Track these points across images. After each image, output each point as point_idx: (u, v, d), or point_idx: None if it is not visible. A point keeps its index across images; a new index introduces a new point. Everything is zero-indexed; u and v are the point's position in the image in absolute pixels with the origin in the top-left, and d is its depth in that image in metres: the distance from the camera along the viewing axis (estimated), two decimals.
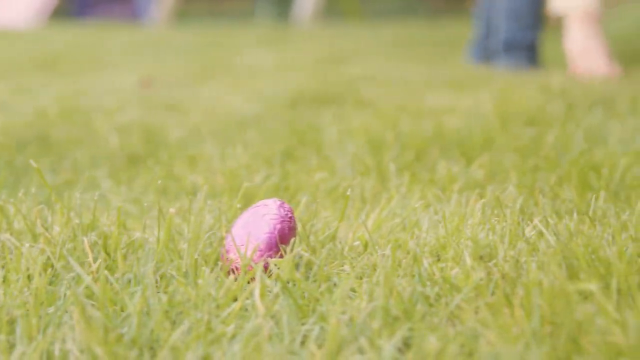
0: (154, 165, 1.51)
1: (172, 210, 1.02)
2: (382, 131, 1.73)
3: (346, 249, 1.03)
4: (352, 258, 1.00)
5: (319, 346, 0.81)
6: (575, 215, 1.05)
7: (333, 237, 1.07)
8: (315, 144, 1.68)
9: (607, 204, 1.23)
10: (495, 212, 1.08)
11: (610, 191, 1.32)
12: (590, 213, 1.07)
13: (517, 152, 1.58)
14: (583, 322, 0.74)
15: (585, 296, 0.85)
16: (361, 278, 0.95)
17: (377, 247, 1.00)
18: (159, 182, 1.25)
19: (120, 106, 2.26)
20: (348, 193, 1.06)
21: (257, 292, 0.87)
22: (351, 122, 1.90)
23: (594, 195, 1.13)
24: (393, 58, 3.96)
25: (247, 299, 0.90)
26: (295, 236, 1.02)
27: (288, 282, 0.90)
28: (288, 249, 0.95)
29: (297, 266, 0.97)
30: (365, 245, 1.04)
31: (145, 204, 1.29)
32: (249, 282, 0.93)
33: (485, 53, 3.34)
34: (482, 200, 1.03)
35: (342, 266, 0.99)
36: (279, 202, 1.04)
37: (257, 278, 0.88)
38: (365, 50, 4.47)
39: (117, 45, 5.02)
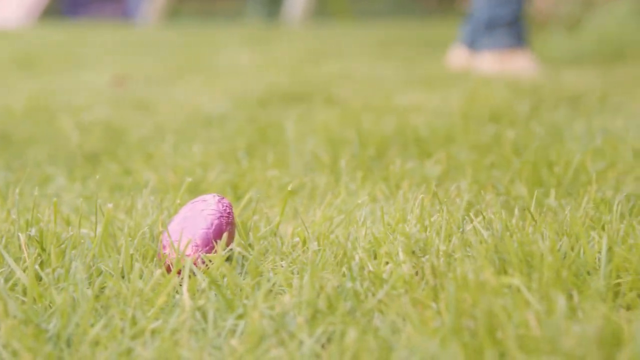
0: (109, 162, 1.50)
1: (109, 205, 1.02)
2: (343, 129, 1.73)
3: (285, 245, 1.03)
4: (289, 254, 0.99)
5: (243, 341, 0.80)
6: (516, 211, 1.04)
7: (274, 233, 1.07)
8: (276, 141, 1.68)
9: (559, 200, 1.23)
10: (437, 207, 1.07)
11: (563, 188, 1.32)
12: (532, 209, 1.07)
13: (477, 149, 1.58)
14: (500, 315, 0.74)
15: (514, 291, 0.84)
16: (298, 273, 0.95)
17: (314, 242, 0.99)
18: (97, 177, 1.24)
19: (89, 105, 2.25)
20: (289, 188, 1.05)
21: (184, 287, 0.87)
22: (316, 120, 1.90)
23: (536, 191, 1.13)
24: (375, 57, 3.95)
25: (178, 293, 0.89)
26: (233, 232, 1.02)
27: (224, 277, 0.90)
28: (221, 244, 0.94)
29: (231, 262, 0.97)
30: (304, 241, 1.03)
31: (100, 201, 1.29)
32: (183, 278, 0.92)
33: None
34: (422, 195, 1.02)
35: (280, 261, 0.99)
36: (217, 198, 1.04)
37: (185, 273, 0.88)
38: (348, 50, 4.47)
39: (100, 44, 5.02)
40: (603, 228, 0.98)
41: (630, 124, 1.82)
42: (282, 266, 0.97)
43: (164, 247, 0.99)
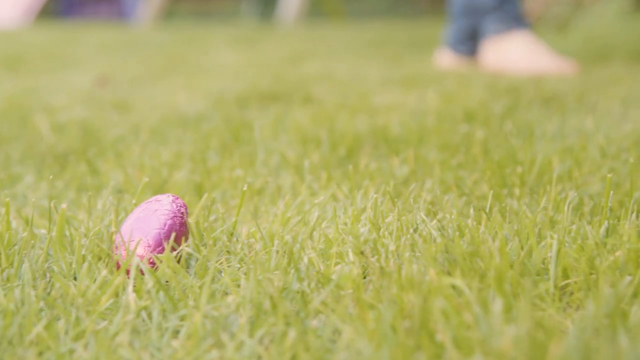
0: (79, 162, 1.50)
1: (63, 206, 1.02)
2: (316, 128, 1.73)
3: (240, 245, 1.02)
4: (238, 254, 0.99)
5: (184, 342, 0.80)
6: (471, 211, 1.04)
7: (230, 234, 1.07)
8: (248, 141, 1.68)
9: (519, 200, 1.23)
10: (391, 207, 1.07)
11: (527, 187, 1.32)
12: (495, 209, 1.07)
13: (447, 148, 1.58)
14: (437, 316, 0.74)
15: (459, 291, 0.84)
16: (245, 274, 0.95)
17: (259, 243, 0.99)
18: (50, 176, 1.24)
19: (68, 105, 2.25)
20: (244, 189, 1.05)
21: (129, 288, 0.87)
22: (290, 120, 1.90)
23: (493, 191, 1.13)
24: (361, 57, 3.95)
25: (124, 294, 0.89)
26: (187, 232, 1.02)
27: (171, 278, 0.90)
28: (170, 244, 0.94)
29: (182, 262, 0.97)
30: (259, 242, 1.03)
31: (54, 202, 1.28)
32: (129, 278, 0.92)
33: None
34: (375, 195, 1.02)
35: (231, 262, 0.99)
36: (172, 198, 1.04)
37: (131, 273, 0.87)
38: (336, 50, 4.47)
39: (90, 45, 5.01)
40: (554, 229, 0.98)
41: (603, 122, 1.82)
42: (235, 267, 0.97)
43: (117, 247, 0.99)
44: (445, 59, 3.31)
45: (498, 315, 0.73)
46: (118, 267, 0.96)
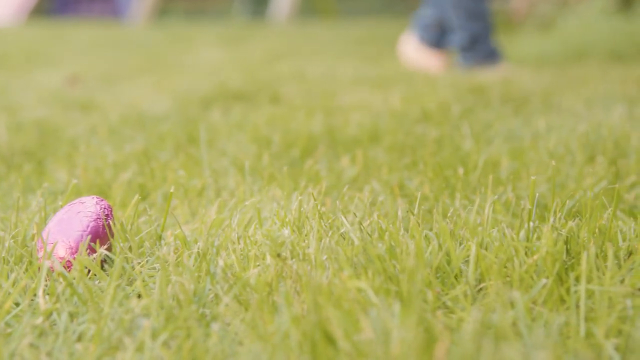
0: (27, 162, 1.50)
1: None
2: (273, 128, 1.73)
3: (164, 247, 1.02)
4: (165, 256, 0.99)
5: (88, 344, 0.80)
6: (399, 212, 1.04)
7: (159, 237, 1.07)
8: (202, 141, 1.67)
9: (457, 201, 1.23)
10: (321, 209, 1.07)
11: (470, 189, 1.32)
12: (416, 211, 1.07)
13: (399, 149, 1.58)
14: (335, 320, 0.74)
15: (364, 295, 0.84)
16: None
17: (168, 246, 0.99)
18: None
19: (33, 104, 2.24)
20: (171, 190, 1.05)
21: (40, 291, 0.86)
22: (249, 120, 1.89)
23: (433, 194, 1.12)
24: (342, 55, 3.95)
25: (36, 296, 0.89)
26: (111, 234, 1.02)
27: (85, 281, 0.90)
28: (84, 246, 0.94)
29: (99, 264, 0.97)
30: (185, 244, 1.03)
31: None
32: (46, 280, 0.92)
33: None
34: (299, 198, 1.02)
35: (151, 265, 0.98)
36: (96, 200, 1.03)
37: (42, 276, 0.87)
38: (318, 49, 4.47)
39: (75, 43, 5.01)
40: (475, 232, 0.98)
41: (561, 122, 1.82)
42: (155, 270, 0.97)
43: (38, 250, 0.98)
44: (409, 48, 3.25)
45: (394, 318, 0.72)
46: (52, 270, 0.96)
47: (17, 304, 0.89)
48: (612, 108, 2.04)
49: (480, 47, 2.98)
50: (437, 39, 3.16)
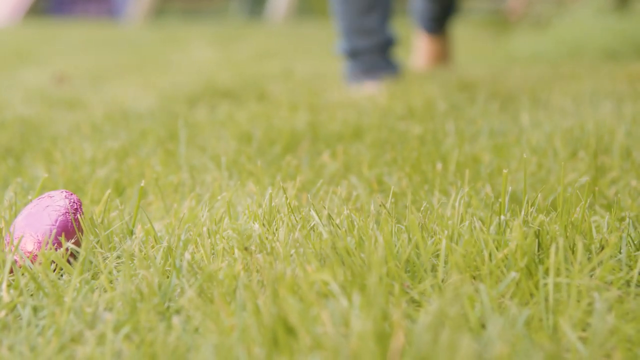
0: (5, 159, 1.49)
1: None
2: (254, 125, 1.72)
3: (129, 241, 1.01)
4: (131, 249, 0.98)
5: (51, 337, 0.79)
6: (372, 207, 1.03)
7: (130, 232, 1.06)
8: (186, 139, 1.67)
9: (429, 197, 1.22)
10: (292, 203, 1.06)
11: (447, 183, 1.31)
12: (388, 205, 1.06)
13: (381, 145, 1.57)
14: (294, 313, 0.73)
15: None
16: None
17: (136, 238, 0.98)
18: None
19: (18, 102, 2.24)
20: (142, 184, 1.04)
21: (4, 285, 0.86)
22: (231, 117, 1.89)
23: (411, 189, 1.12)
24: (333, 55, 3.94)
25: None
26: (80, 229, 1.01)
27: (48, 275, 0.89)
28: (50, 240, 0.93)
29: (66, 258, 0.96)
30: (154, 238, 1.02)
31: None
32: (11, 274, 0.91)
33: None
34: (270, 192, 1.01)
35: (119, 259, 0.98)
36: (65, 194, 1.02)
37: (6, 270, 0.86)
38: (310, 48, 4.46)
39: (67, 43, 5.00)
40: (447, 226, 0.97)
41: (546, 119, 1.81)
42: (121, 264, 0.96)
43: (7, 244, 0.98)
44: (421, 45, 3.12)
45: (353, 310, 0.72)
46: (18, 264, 0.95)
47: None
48: (600, 104, 2.04)
49: (359, 61, 2.73)
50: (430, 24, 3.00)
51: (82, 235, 1.00)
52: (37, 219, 0.99)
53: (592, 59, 3.56)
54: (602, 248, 0.98)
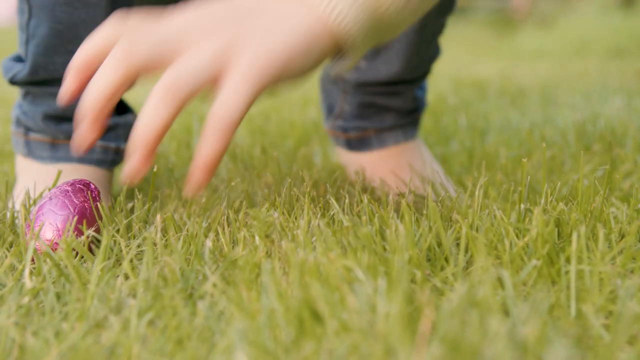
0: None
1: None
2: (267, 119, 1.72)
3: (152, 228, 1.02)
4: (152, 236, 0.98)
5: (74, 322, 0.79)
6: (390, 197, 1.03)
7: (144, 219, 1.06)
8: (198, 132, 1.67)
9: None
10: (312, 193, 1.07)
11: (464, 175, 1.31)
12: (407, 195, 1.06)
13: None
14: (320, 297, 0.73)
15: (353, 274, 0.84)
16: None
17: (155, 226, 0.99)
18: None
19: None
20: (155, 170, 1.04)
21: (26, 271, 0.86)
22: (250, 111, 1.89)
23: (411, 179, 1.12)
24: None
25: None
26: (99, 216, 1.01)
27: (71, 261, 0.89)
28: (71, 227, 0.93)
29: (87, 246, 0.96)
30: (174, 226, 1.02)
31: None
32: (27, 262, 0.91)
33: None
34: (289, 180, 1.02)
35: (138, 247, 0.98)
36: (83, 182, 1.03)
37: (28, 256, 0.87)
38: None
39: None
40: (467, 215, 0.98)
41: (560, 114, 1.82)
42: (143, 250, 0.97)
43: (26, 232, 0.98)
44: None
45: (380, 293, 0.72)
46: (39, 251, 0.95)
47: (3, 285, 0.89)
48: (610, 100, 2.04)
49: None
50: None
51: (101, 223, 1.00)
52: (56, 207, 0.99)
53: (598, 57, 3.57)
54: (622, 237, 0.98)
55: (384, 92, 1.21)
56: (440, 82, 2.30)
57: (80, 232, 0.97)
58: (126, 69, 0.76)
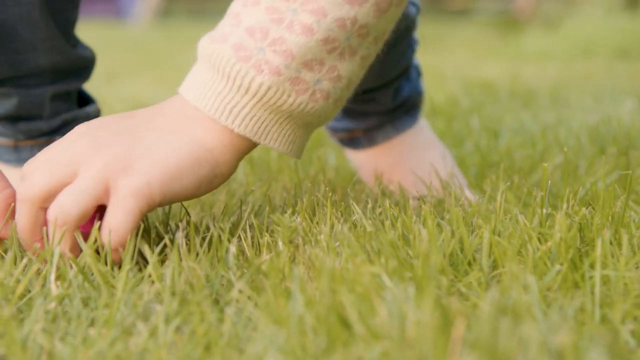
0: None
1: None
2: None
3: (177, 233, 1.02)
4: (177, 241, 0.98)
5: (101, 329, 0.80)
6: (411, 201, 1.04)
7: (165, 222, 1.07)
8: None
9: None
10: (333, 197, 1.07)
11: (481, 179, 1.31)
12: (428, 199, 1.06)
13: None
14: (349, 304, 0.73)
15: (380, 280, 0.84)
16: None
17: (181, 232, 0.99)
18: None
19: None
20: None
21: (52, 276, 0.86)
22: None
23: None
24: None
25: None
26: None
27: (97, 266, 0.89)
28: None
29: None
30: (195, 230, 1.03)
31: None
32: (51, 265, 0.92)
33: None
34: (308, 184, 1.02)
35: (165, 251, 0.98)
36: None
37: (54, 262, 0.87)
38: None
39: None
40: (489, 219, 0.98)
41: (572, 116, 1.82)
42: (166, 254, 0.97)
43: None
44: None
45: (409, 300, 0.72)
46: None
47: (29, 291, 0.89)
48: (621, 102, 2.04)
49: None
50: None
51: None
52: None
53: (604, 58, 3.57)
54: None
55: (357, 100, 1.18)
56: (450, 84, 2.31)
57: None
58: (31, 204, 0.86)
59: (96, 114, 1.18)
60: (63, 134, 1.15)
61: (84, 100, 1.22)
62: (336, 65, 0.83)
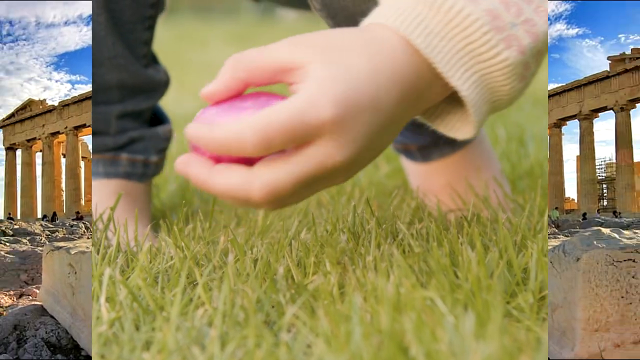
0: None
1: None
2: None
3: (216, 255, 1.01)
4: (220, 263, 0.98)
5: (156, 354, 0.79)
6: (452, 218, 1.03)
7: (206, 242, 1.06)
8: None
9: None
10: (376, 214, 1.06)
11: (516, 193, 1.31)
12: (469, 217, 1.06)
13: None
14: (409, 330, 0.73)
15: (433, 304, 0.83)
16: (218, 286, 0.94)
17: (231, 254, 0.98)
18: None
19: None
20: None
21: (102, 299, 0.86)
22: None
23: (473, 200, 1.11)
24: None
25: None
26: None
27: (148, 289, 0.89)
28: (144, 253, 0.93)
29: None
30: (240, 250, 1.02)
31: None
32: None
33: None
34: (353, 203, 1.01)
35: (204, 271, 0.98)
36: None
37: (103, 285, 0.87)
38: None
39: None
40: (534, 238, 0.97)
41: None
42: (211, 276, 0.97)
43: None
44: None
45: (470, 330, 0.72)
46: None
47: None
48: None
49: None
50: None
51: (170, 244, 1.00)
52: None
53: None
54: None
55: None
56: None
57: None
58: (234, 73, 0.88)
59: (166, 135, 1.21)
60: (129, 151, 1.19)
61: (158, 119, 1.25)
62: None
